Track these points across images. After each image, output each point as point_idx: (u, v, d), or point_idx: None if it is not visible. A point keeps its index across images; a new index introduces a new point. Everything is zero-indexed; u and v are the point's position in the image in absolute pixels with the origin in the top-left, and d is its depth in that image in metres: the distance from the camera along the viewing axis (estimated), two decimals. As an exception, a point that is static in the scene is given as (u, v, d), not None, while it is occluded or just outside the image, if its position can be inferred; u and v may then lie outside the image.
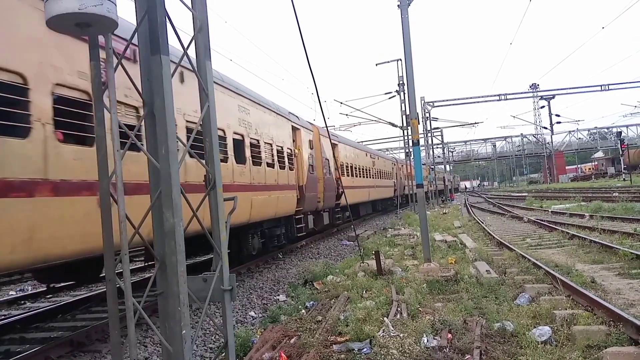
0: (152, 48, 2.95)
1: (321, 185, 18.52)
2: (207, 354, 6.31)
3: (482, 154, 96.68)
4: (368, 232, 20.49)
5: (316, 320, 6.68)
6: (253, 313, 8.30)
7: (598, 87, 57.79)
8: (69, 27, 2.82)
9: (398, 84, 29.57)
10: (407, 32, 10.93)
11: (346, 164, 23.89)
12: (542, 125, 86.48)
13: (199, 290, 3.32)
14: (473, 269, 9.29)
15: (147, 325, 7.07)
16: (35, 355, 6.01)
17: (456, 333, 5.59)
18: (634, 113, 75.51)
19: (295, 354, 5.29)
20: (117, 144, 2.89)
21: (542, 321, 5.83)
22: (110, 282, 2.97)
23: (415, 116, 11.32)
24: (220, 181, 3.44)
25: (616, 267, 8.99)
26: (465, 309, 6.60)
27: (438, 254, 11.85)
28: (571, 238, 13.00)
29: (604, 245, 10.79)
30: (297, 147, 16.30)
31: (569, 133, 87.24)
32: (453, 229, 18.05)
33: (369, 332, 5.67)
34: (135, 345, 2.88)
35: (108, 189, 3.02)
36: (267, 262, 13.77)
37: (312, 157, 17.58)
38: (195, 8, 3.43)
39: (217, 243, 3.38)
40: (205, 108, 3.40)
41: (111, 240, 2.99)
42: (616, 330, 5.14)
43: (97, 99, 3.04)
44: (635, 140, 79.62)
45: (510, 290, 7.56)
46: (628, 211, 18.65)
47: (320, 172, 18.69)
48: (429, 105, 46.76)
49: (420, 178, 11.56)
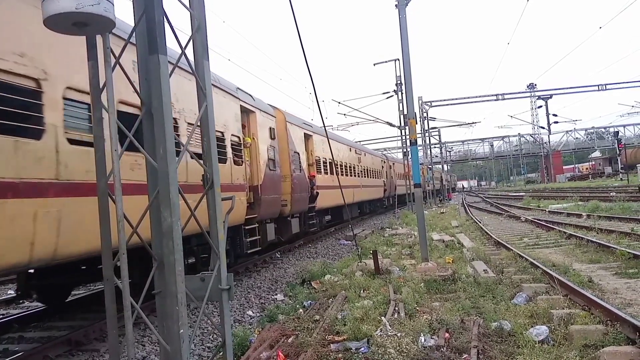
0: (150, 48, 2.95)
1: (287, 185, 14.89)
2: (205, 353, 6.31)
3: (480, 153, 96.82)
4: (366, 232, 20.48)
5: (314, 319, 6.69)
6: (251, 312, 8.30)
7: (595, 86, 58.05)
8: (66, 27, 2.81)
9: (396, 83, 29.56)
10: (405, 32, 10.94)
11: (324, 160, 20.06)
12: (539, 125, 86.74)
13: (197, 289, 3.33)
14: (470, 268, 9.31)
15: (145, 325, 7.06)
16: (33, 354, 6.01)
17: (453, 332, 5.60)
18: (631, 113, 75.82)
19: (293, 353, 5.29)
20: (116, 144, 2.89)
21: (540, 320, 5.84)
22: (108, 281, 2.98)
23: (413, 116, 11.34)
24: (218, 181, 3.45)
25: (613, 266, 9.02)
26: (463, 308, 6.61)
27: (435, 253, 11.88)
28: (568, 238, 13.03)
29: (601, 245, 10.81)
30: (251, 135, 12.62)
31: (567, 133, 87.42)
32: (450, 229, 18.08)
33: (367, 332, 5.68)
34: (133, 345, 2.89)
35: (106, 189, 3.02)
36: (265, 261, 13.77)
37: (273, 150, 13.83)
38: (193, 7, 3.43)
39: (214, 242, 3.39)
40: (203, 108, 3.41)
41: (109, 239, 3.00)
42: (613, 330, 5.15)
43: (95, 99, 3.04)
44: (633, 140, 79.78)
45: (508, 289, 7.58)
46: (625, 211, 18.71)
47: (287, 168, 15.06)
48: (427, 105, 46.80)
49: (417, 178, 11.57)
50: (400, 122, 31.10)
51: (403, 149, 34.03)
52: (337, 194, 19.81)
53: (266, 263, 13.65)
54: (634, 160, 57.64)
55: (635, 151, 64.90)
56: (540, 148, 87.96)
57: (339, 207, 22.03)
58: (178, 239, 2.91)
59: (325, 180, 19.81)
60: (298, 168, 15.99)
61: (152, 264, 3.02)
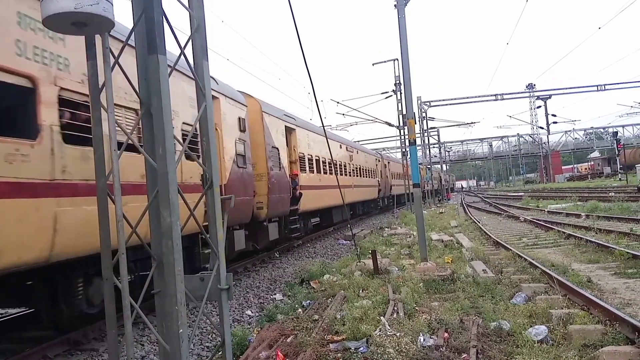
0: (149, 47, 2.95)
1: (263, 184, 13.11)
2: (204, 352, 6.31)
3: (479, 153, 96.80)
4: (365, 232, 20.49)
5: (313, 319, 6.69)
6: (250, 312, 8.30)
7: (594, 87, 58.16)
8: (66, 27, 2.82)
9: (395, 83, 29.63)
10: (404, 32, 10.94)
11: (309, 157, 18.04)
12: (538, 125, 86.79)
13: (196, 289, 3.33)
14: (469, 268, 9.31)
15: (144, 324, 7.06)
16: (32, 354, 6.00)
17: (453, 332, 5.61)
18: (630, 113, 75.91)
19: (292, 353, 5.30)
20: (115, 143, 2.89)
21: (539, 320, 5.84)
22: (108, 281, 2.98)
23: (412, 116, 11.34)
24: (217, 181, 3.45)
25: (612, 266, 9.03)
26: (462, 308, 6.61)
27: (435, 253, 11.88)
28: (567, 238, 13.04)
29: (600, 245, 10.82)
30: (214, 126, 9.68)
31: (565, 133, 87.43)
32: (449, 229, 18.09)
33: (366, 331, 5.68)
34: (132, 344, 2.89)
35: (105, 188, 3.02)
36: (263, 261, 13.78)
37: (243, 144, 11.80)
38: (192, 7, 3.43)
39: (213, 242, 3.39)
40: (203, 108, 3.41)
41: (108, 239, 3.00)
42: (612, 330, 5.16)
43: (94, 98, 3.04)
44: (631, 140, 79.79)
45: (507, 289, 7.58)
46: (624, 211, 18.72)
47: (264, 166, 13.27)
48: (426, 105, 46.85)
49: (417, 177, 11.57)
50: (399, 122, 31.18)
51: (402, 148, 34.09)
52: (325, 194, 19.08)
53: (265, 263, 13.65)
54: (632, 160, 57.62)
55: (634, 151, 64.92)
56: (539, 148, 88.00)
57: (329, 208, 20.62)
58: (177, 239, 2.91)
59: (311, 179, 17.88)
60: (277, 165, 14.19)
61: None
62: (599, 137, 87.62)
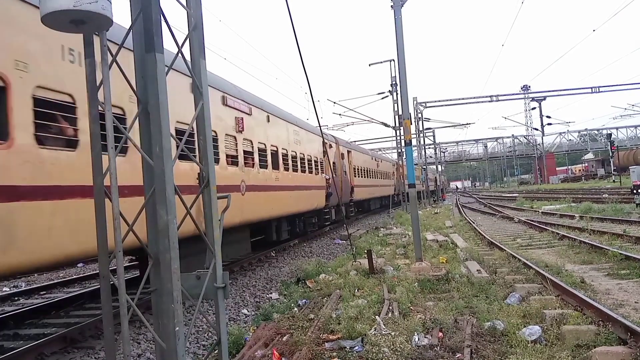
0: (147, 46, 2.95)
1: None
2: (200, 351, 6.31)
3: (474, 154, 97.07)
4: (360, 231, 20.53)
5: (308, 318, 6.70)
6: (246, 311, 8.31)
7: (589, 89, 58.33)
8: (64, 25, 2.81)
9: (391, 84, 29.65)
10: (400, 33, 10.97)
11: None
12: (533, 127, 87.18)
13: (192, 287, 3.33)
14: (464, 268, 9.35)
15: (140, 322, 7.06)
16: (28, 352, 6.00)
17: (447, 332, 5.64)
18: (624, 115, 76.36)
19: (288, 352, 5.31)
20: (112, 141, 2.89)
21: (532, 320, 5.88)
22: (104, 278, 2.98)
23: (408, 116, 11.36)
24: (214, 180, 3.45)
25: (605, 267, 9.09)
26: (456, 308, 6.65)
27: (429, 253, 11.92)
28: (561, 238, 13.11)
29: (594, 246, 10.89)
30: None
31: (560, 134, 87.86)
32: (444, 229, 18.14)
33: (361, 330, 5.70)
34: (129, 342, 2.89)
35: (102, 187, 3.02)
36: (260, 260, 13.78)
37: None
38: (190, 6, 3.44)
39: (210, 241, 3.40)
40: (200, 106, 3.41)
41: (105, 237, 3.00)
42: (605, 330, 5.20)
43: (91, 96, 3.04)
44: (625, 142, 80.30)
45: (501, 289, 7.62)
46: (617, 212, 18.83)
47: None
48: (422, 106, 46.92)
49: (412, 178, 11.60)
50: (395, 122, 31.22)
51: (398, 149, 34.15)
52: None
53: (261, 262, 13.66)
54: (626, 162, 57.92)
55: (628, 153, 65.28)
56: (534, 149, 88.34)
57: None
58: (174, 237, 2.92)
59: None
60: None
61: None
62: (593, 138, 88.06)
